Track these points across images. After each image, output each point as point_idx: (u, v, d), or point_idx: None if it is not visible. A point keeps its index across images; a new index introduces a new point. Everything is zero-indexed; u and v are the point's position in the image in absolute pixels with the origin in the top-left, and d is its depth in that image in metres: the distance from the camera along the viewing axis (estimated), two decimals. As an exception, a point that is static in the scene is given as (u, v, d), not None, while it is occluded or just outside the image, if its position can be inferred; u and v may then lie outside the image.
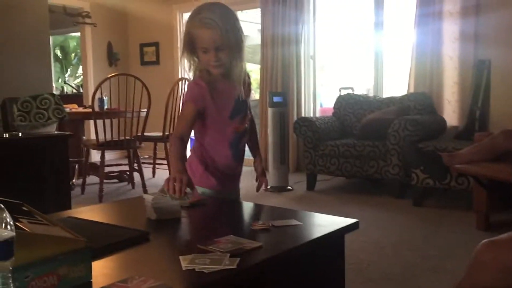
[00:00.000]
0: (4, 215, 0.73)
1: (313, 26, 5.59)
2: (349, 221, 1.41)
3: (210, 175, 1.76)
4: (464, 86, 4.34)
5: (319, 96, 6.65)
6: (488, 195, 3.04)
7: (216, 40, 1.58)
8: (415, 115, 4.22)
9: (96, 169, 4.68)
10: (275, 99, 4.56)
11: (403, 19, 5.38)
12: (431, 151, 3.44)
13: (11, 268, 0.73)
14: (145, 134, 4.67)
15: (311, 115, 5.61)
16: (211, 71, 1.66)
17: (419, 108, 4.34)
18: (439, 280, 2.30)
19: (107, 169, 4.77)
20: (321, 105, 7.29)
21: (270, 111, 4.58)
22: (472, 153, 2.92)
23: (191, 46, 1.64)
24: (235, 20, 1.66)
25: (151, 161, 5.39)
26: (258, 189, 1.85)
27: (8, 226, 0.73)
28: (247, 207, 1.75)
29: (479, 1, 4.20)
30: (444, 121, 4.35)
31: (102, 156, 4.34)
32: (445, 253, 2.71)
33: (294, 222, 1.39)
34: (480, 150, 2.91)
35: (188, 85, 1.74)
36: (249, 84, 1.81)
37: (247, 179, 2.18)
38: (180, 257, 1.07)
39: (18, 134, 2.77)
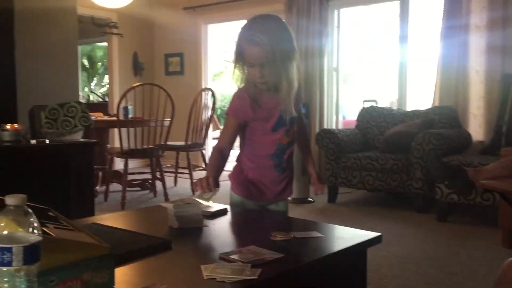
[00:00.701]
0: (31, 219, 0.75)
1: (337, 38, 5.59)
2: (372, 234, 1.40)
3: (250, 184, 1.77)
4: (490, 100, 4.27)
5: (342, 109, 6.62)
6: (515, 212, 2.97)
7: (261, 57, 1.57)
8: (439, 128, 4.17)
9: (120, 176, 4.74)
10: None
11: (428, 32, 5.34)
12: (456, 166, 3.38)
13: (36, 272, 0.74)
14: (168, 143, 4.72)
15: (334, 127, 5.59)
16: (256, 85, 1.67)
17: (444, 122, 4.28)
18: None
19: (130, 177, 4.82)
20: (343, 118, 7.26)
21: (292, 122, 4.56)
22: (498, 169, 2.85)
23: (241, 57, 1.65)
24: (285, 34, 1.64)
25: (173, 170, 5.43)
26: (316, 193, 1.88)
27: (35, 231, 0.74)
28: (268, 217, 1.75)
29: (507, 13, 4.14)
30: (469, 135, 4.28)
31: (126, 164, 4.40)
32: (469, 271, 2.64)
33: (315, 234, 1.38)
34: (506, 165, 2.84)
35: (232, 97, 1.76)
36: (299, 98, 1.78)
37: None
38: (202, 266, 1.07)
39: (45, 141, 2.83)
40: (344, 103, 7.70)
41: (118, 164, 6.04)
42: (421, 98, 5.85)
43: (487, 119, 4.29)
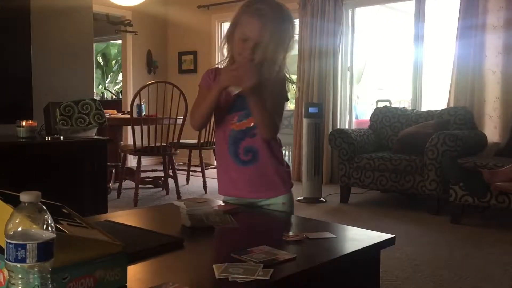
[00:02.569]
0: (45, 216, 0.75)
1: (351, 38, 5.56)
2: (385, 236, 1.38)
3: (221, 180, 1.72)
4: (507, 102, 4.21)
5: (355, 108, 6.59)
6: (531, 215, 2.93)
7: (261, 35, 1.49)
8: (454, 130, 4.12)
9: (132, 174, 4.77)
10: (311, 110, 4.54)
11: (444, 32, 5.29)
12: (471, 167, 3.34)
13: (50, 269, 0.74)
14: (181, 141, 4.73)
15: (347, 127, 5.56)
16: (236, 59, 1.58)
17: (459, 123, 4.24)
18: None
19: (142, 175, 4.85)
20: (356, 117, 7.22)
21: (305, 121, 4.56)
22: (514, 171, 2.82)
23: (233, 31, 1.57)
24: (289, 24, 1.59)
25: (186, 168, 5.45)
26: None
27: (49, 228, 0.75)
28: (280, 217, 1.74)
29: (525, 14, 4.08)
30: (485, 137, 4.22)
31: (139, 162, 4.42)
32: (483, 274, 2.61)
33: (328, 235, 1.37)
34: (523, 168, 2.81)
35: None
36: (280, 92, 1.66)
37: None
38: (214, 266, 1.07)
39: (60, 138, 2.85)
40: (358, 103, 7.66)
41: (131, 161, 6.08)
42: (436, 99, 5.79)
43: (503, 121, 4.23)
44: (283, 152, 6.82)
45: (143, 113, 4.81)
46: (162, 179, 5.00)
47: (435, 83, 5.98)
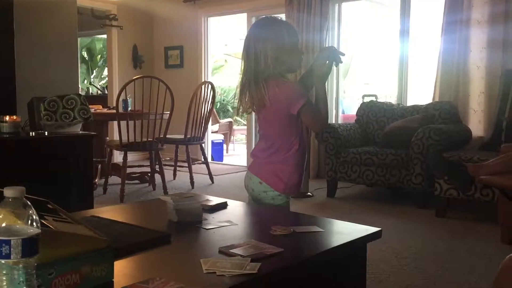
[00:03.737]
0: (30, 212, 0.74)
1: (338, 33, 5.57)
2: (372, 229, 1.39)
3: (299, 180, 1.83)
4: (491, 96, 4.26)
5: (342, 103, 6.61)
6: (514, 208, 2.97)
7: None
8: (439, 124, 4.16)
9: (118, 169, 4.73)
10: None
11: (429, 26, 5.32)
12: (456, 161, 3.38)
13: (35, 264, 0.74)
14: (168, 136, 4.71)
15: (333, 121, 5.58)
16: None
17: (444, 117, 4.28)
18: (461, 293, 2.25)
19: (129, 170, 4.82)
20: (343, 112, 7.25)
21: (292, 116, 4.56)
22: (498, 165, 2.85)
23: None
24: (261, 32, 1.75)
25: (173, 163, 5.43)
26: None
27: (34, 223, 0.74)
28: (268, 212, 1.74)
29: (508, 8, 4.12)
30: (469, 131, 4.27)
31: (125, 157, 4.39)
32: (468, 267, 2.65)
33: (315, 228, 1.38)
34: (506, 161, 2.84)
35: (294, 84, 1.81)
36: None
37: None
38: (201, 260, 1.06)
39: (44, 133, 2.81)
40: (344, 98, 7.69)
41: (117, 157, 6.04)
42: (422, 93, 5.83)
43: (487, 115, 4.28)
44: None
45: (129, 108, 4.77)
46: (149, 174, 4.97)
47: (420, 78, 6.03)
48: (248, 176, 1.83)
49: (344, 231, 1.43)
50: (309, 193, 4.51)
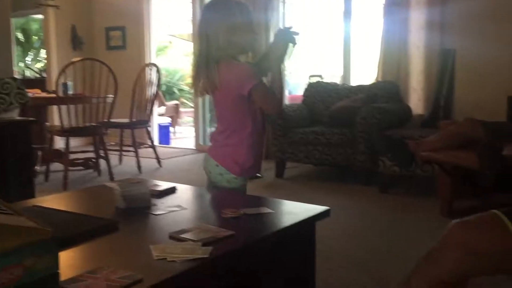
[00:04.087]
0: (-36, 205, 0.69)
1: (283, 13, 5.57)
2: (320, 208, 1.42)
3: (256, 161, 1.81)
4: (429, 75, 4.42)
5: (288, 84, 6.65)
6: (452, 182, 3.12)
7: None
8: (382, 103, 4.28)
9: (60, 156, 4.56)
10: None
11: (371, 8, 5.43)
12: (397, 139, 3.50)
13: (-27, 260, 0.69)
14: (112, 120, 4.57)
15: (280, 102, 5.61)
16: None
17: (386, 96, 4.40)
18: (405, 266, 2.35)
19: (72, 156, 4.65)
20: (289, 93, 7.31)
21: (239, 98, 4.54)
22: (437, 141, 2.98)
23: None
24: (212, 13, 1.73)
25: (118, 148, 5.29)
26: None
27: (-31, 217, 0.69)
28: (217, 195, 1.74)
29: (446, -9, 4.27)
30: (410, 109, 4.42)
31: (67, 143, 4.23)
32: (411, 239, 2.77)
33: (265, 210, 1.39)
34: (444, 137, 2.97)
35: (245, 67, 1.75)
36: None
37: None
38: (151, 247, 1.05)
39: (-22, 120, 2.66)
40: (290, 79, 7.75)
41: (59, 142, 5.81)
42: (365, 73, 5.98)
43: (427, 93, 4.45)
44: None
45: (70, 92, 4.58)
46: (93, 160, 4.82)
47: (364, 58, 6.16)
48: (206, 158, 1.83)
49: (294, 211, 1.45)
50: (258, 174, 4.54)
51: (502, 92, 3.77)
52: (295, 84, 8.07)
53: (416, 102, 4.51)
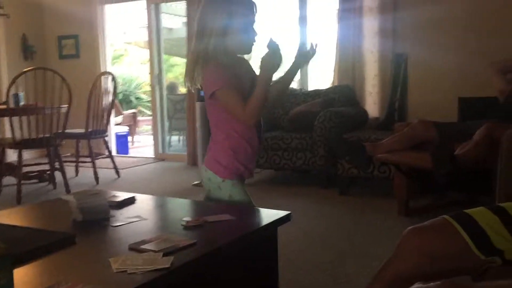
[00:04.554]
0: None
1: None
2: (282, 213, 1.43)
3: (242, 165, 1.67)
4: (384, 79, 4.54)
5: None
6: (408, 182, 3.21)
7: None
8: (339, 107, 4.36)
9: (13, 169, 4.40)
10: (203, 93, 4.51)
11: (326, 13, 5.52)
12: (355, 142, 3.57)
13: None
14: (67, 131, 4.45)
15: (239, 108, 5.62)
16: (247, 48, 1.74)
17: (343, 100, 4.49)
18: (367, 266, 2.40)
19: (25, 169, 4.50)
20: (248, 99, 7.33)
21: (198, 105, 4.53)
22: (392, 143, 3.06)
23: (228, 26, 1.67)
24: (207, 9, 1.64)
25: (74, 159, 5.15)
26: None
27: None
28: (178, 204, 1.72)
29: (396, -3, 4.41)
30: (366, 112, 4.52)
31: (20, 155, 4.09)
32: (371, 239, 2.82)
33: (227, 217, 1.38)
34: (399, 139, 3.06)
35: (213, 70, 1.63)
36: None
37: (174, 174, 2.12)
38: (110, 259, 1.02)
39: None
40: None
41: (12, 155, 5.60)
42: (322, 78, 6.07)
43: (381, 97, 4.56)
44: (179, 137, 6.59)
45: (22, 103, 4.43)
46: (48, 172, 4.67)
47: (320, 63, 6.25)
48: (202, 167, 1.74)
49: (255, 217, 1.45)
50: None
51: (452, 94, 3.92)
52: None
53: (372, 106, 4.62)
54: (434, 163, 2.68)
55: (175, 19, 7.95)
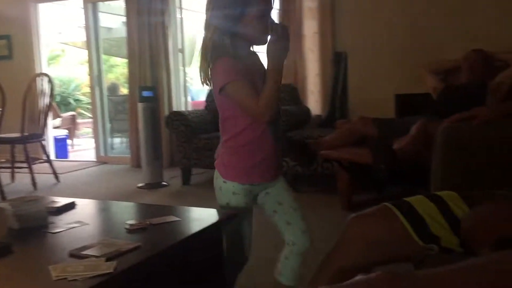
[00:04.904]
0: None
1: (180, 18, 5.54)
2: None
3: (248, 167, 1.54)
4: (325, 77, 4.64)
5: (190, 90, 6.63)
6: (350, 178, 3.30)
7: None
8: (283, 105, 4.41)
9: None
10: (145, 93, 4.44)
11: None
12: (299, 140, 3.63)
13: None
14: (1, 135, 4.23)
15: (183, 109, 5.57)
16: (260, 38, 1.45)
17: (287, 99, 4.54)
18: (313, 260, 2.44)
19: (-45, 177, 4.24)
20: (192, 99, 7.28)
21: (140, 106, 4.44)
22: (334, 139, 3.15)
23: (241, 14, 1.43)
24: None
25: (9, 165, 4.91)
26: None
27: None
28: (122, 207, 1.68)
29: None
30: (309, 110, 4.61)
31: (-52, 163, 3.85)
32: (320, 234, 2.86)
33: (172, 218, 1.37)
34: (340, 136, 3.15)
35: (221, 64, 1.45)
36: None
37: (117, 177, 2.07)
38: (50, 267, 0.98)
39: None
40: (192, 85, 7.72)
41: None
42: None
43: (323, 95, 4.66)
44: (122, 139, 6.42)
45: (-51, 107, 4.17)
46: (-19, 180, 4.43)
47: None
48: None
49: (201, 217, 1.45)
50: (164, 183, 4.46)
51: (390, 91, 4.06)
52: (197, 91, 8.06)
53: (314, 104, 4.71)
54: (374, 158, 2.77)
55: (114, 18, 7.75)
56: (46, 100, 4.70)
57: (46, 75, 4.79)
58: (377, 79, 4.43)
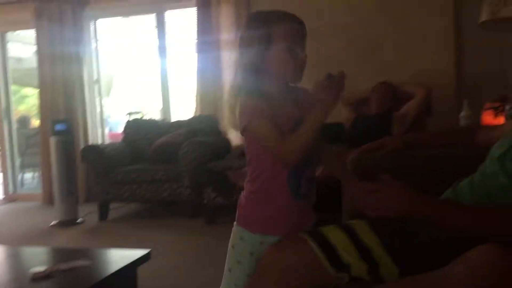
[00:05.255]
0: None
1: (96, 49, 5.41)
2: (141, 253, 1.39)
3: (266, 215, 1.40)
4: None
5: (108, 121, 6.44)
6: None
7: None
8: (203, 137, 4.41)
9: None
10: (58, 127, 4.24)
11: (185, 44, 5.61)
12: (218, 171, 3.64)
13: None
14: None
15: (100, 141, 5.39)
16: (292, 78, 1.39)
17: (207, 130, 4.54)
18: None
19: None
20: (110, 130, 7.08)
21: (52, 140, 4.23)
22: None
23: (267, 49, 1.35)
24: (245, 35, 1.37)
25: None
26: None
27: None
28: (28, 252, 1.58)
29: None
30: (229, 141, 4.64)
31: None
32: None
33: (80, 263, 1.30)
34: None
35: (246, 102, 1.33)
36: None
37: (28, 216, 1.91)
38: None
39: None
40: (110, 116, 7.52)
41: None
42: (185, 108, 6.10)
43: (242, 125, 4.72)
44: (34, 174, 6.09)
45: None
46: None
47: (182, 93, 6.29)
48: None
49: (112, 259, 1.39)
50: (79, 220, 4.25)
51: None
52: (115, 122, 7.85)
53: (234, 134, 4.75)
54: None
55: (24, 47, 7.41)
56: None
57: None
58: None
